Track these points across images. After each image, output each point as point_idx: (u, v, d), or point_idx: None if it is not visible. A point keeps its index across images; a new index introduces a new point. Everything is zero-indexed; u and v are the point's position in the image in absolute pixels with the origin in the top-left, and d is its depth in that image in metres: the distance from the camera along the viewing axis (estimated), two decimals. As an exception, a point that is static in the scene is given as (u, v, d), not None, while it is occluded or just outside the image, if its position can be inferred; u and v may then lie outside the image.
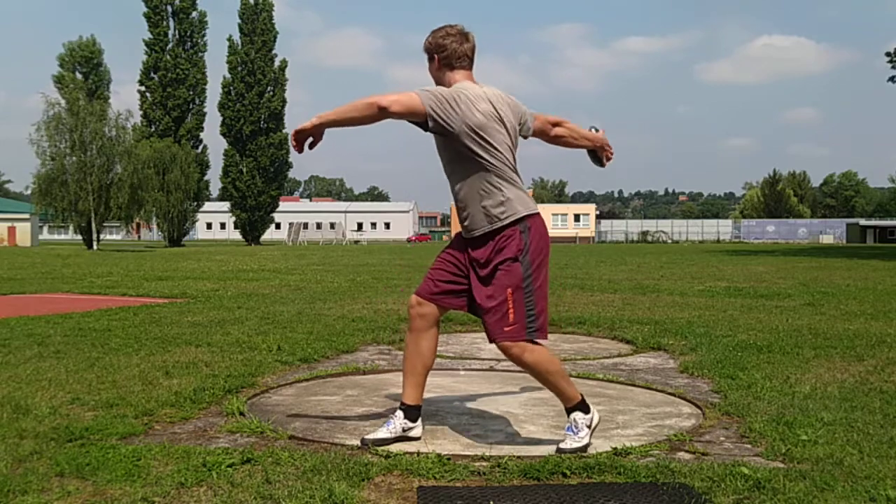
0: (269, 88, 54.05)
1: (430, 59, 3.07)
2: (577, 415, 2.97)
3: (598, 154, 3.46)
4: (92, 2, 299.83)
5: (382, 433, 3.01)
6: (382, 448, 2.92)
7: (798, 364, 4.75)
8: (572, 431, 2.95)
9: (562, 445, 2.91)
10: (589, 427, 2.97)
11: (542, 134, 3.28)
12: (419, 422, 3.09)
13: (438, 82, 3.05)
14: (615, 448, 2.92)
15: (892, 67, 33.64)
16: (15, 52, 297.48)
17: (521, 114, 3.10)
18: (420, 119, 2.86)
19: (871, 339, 5.79)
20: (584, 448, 2.90)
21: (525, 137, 3.17)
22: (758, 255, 28.36)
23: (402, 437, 3.02)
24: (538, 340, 2.93)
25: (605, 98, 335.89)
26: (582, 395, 3.03)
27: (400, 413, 3.06)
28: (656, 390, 4.12)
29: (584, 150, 3.46)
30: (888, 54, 33.71)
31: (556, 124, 3.32)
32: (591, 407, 3.02)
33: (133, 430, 3.15)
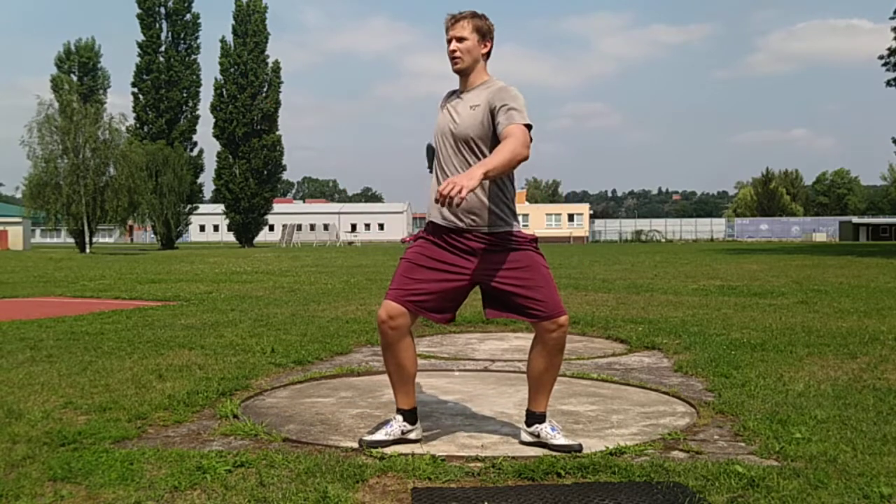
0: (262, 90, 53.90)
1: (484, 40, 3.02)
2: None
3: None
4: (93, 4, 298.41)
5: (380, 436, 3.01)
6: (377, 450, 2.92)
7: (792, 362, 4.76)
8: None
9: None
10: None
11: None
12: (417, 424, 3.10)
13: (473, 63, 3.02)
14: (609, 447, 2.93)
15: (887, 70, 33.74)
16: (2, 53, 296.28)
17: None
18: None
19: (864, 336, 5.81)
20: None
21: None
22: (751, 253, 28.44)
23: (401, 440, 3.03)
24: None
25: (599, 96, 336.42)
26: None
27: (399, 417, 3.06)
28: (650, 389, 4.12)
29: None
30: (881, 57, 33.80)
31: None
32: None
33: (126, 433, 3.14)
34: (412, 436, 3.06)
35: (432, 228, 3.06)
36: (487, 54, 3.05)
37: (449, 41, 3.01)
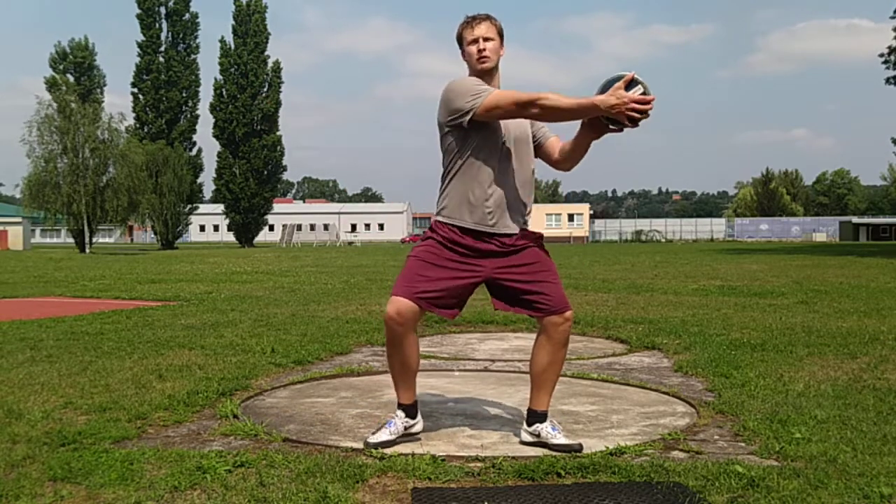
0: (262, 90, 53.87)
1: (502, 42, 3.05)
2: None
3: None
4: (92, 4, 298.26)
5: (384, 435, 3.00)
6: (377, 450, 2.92)
7: (792, 362, 4.76)
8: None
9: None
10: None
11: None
12: (419, 417, 3.11)
13: (496, 64, 3.01)
14: (609, 447, 2.93)
15: (887, 68, 33.72)
16: (2, 53, 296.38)
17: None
18: None
19: (864, 336, 5.81)
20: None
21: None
22: (751, 253, 28.44)
23: (405, 435, 3.04)
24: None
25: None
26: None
27: (401, 413, 3.07)
28: (651, 389, 4.12)
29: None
30: (881, 55, 33.79)
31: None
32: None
33: (126, 433, 3.14)
34: (415, 429, 3.08)
35: (448, 232, 2.97)
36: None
37: (475, 41, 2.97)
